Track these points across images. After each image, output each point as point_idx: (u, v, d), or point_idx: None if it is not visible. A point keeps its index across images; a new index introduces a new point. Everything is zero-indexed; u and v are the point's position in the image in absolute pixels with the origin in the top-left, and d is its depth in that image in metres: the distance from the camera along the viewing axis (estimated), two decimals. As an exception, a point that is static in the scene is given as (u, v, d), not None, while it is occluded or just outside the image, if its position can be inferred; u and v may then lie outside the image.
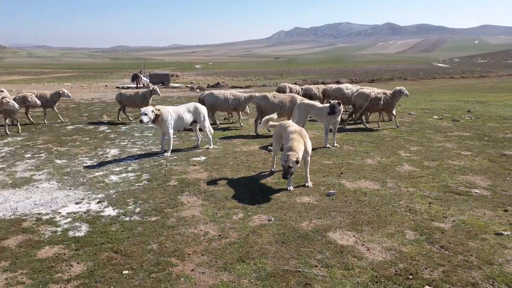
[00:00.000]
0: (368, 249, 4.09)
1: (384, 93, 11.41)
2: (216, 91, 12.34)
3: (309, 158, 6.17)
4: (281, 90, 14.86)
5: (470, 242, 4.18)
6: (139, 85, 33.08)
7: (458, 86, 34.15)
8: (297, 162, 5.54)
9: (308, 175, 6.21)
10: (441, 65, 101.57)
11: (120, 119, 13.38)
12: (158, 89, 13.38)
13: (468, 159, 7.66)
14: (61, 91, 13.01)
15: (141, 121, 7.83)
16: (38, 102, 11.89)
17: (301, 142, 5.84)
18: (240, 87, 36.53)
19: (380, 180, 6.39)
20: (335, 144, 8.96)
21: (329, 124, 8.93)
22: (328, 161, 7.67)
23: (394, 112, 11.51)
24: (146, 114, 7.85)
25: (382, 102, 11.28)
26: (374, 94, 11.39)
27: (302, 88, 15.47)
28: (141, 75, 36.61)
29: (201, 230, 4.60)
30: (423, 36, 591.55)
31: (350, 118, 12.28)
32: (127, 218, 4.98)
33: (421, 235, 4.38)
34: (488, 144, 8.90)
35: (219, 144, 9.36)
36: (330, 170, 7.00)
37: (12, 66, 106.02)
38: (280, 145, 6.69)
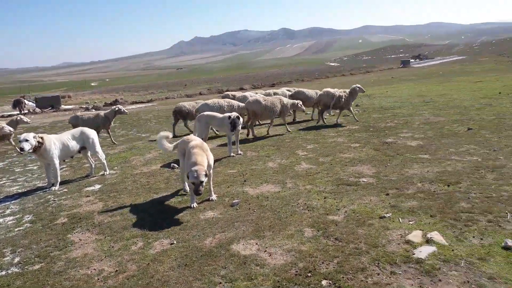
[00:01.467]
0: (270, 255, 4.13)
1: (344, 91, 12.03)
2: (210, 101, 11.88)
3: (211, 171, 6.08)
4: (226, 97, 14.07)
5: (359, 230, 4.49)
6: (23, 112, 29.91)
7: (347, 83, 37.26)
8: (206, 175, 5.42)
9: (212, 188, 6.13)
10: (333, 64, 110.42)
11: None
12: (24, 117, 12.44)
13: (356, 150, 8.31)
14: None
15: (22, 149, 6.98)
16: None
17: (204, 155, 5.72)
18: (141, 102, 35.24)
19: (280, 182, 6.58)
20: (239, 152, 9.05)
21: (231, 134, 8.99)
22: (232, 170, 7.69)
23: (351, 108, 12.18)
24: (27, 141, 7.03)
25: (343, 100, 11.84)
26: (338, 93, 11.95)
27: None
28: (25, 100, 33.19)
29: (94, 269, 4.20)
30: (315, 39, 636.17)
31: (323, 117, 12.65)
32: (3, 273, 4.33)
33: (318, 230, 4.58)
34: (373, 134, 9.81)
35: (116, 168, 8.81)
36: (234, 179, 7.02)
37: None
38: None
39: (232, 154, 8.91)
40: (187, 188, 6.45)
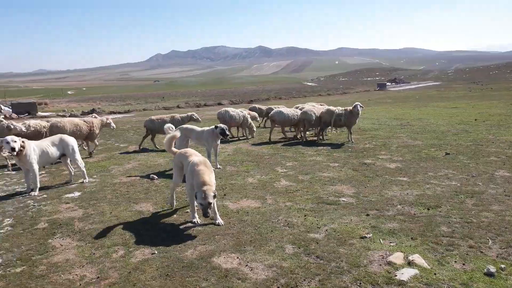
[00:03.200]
0: (252, 269, 4.24)
1: (345, 110, 12.15)
2: (230, 109, 12.80)
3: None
4: (221, 116, 13.82)
5: (340, 249, 4.65)
6: None
7: (325, 103, 38.10)
8: (214, 196, 5.19)
9: (217, 211, 5.70)
10: (310, 84, 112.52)
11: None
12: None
13: (336, 170, 8.59)
14: None
15: (13, 149, 7.05)
16: None
17: (211, 174, 5.46)
18: (119, 113, 34.78)
19: (260, 198, 6.73)
20: (218, 166, 9.15)
21: (210, 147, 9.10)
22: (212, 184, 7.77)
23: (352, 128, 12.34)
24: (15, 142, 7.11)
25: (343, 117, 12.02)
26: (338, 111, 12.09)
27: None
28: (1, 105, 32.24)
29: (76, 274, 4.20)
30: (292, 58, 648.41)
31: (320, 133, 12.89)
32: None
33: (299, 247, 4.72)
34: (352, 155, 10.14)
35: (95, 176, 8.73)
36: (214, 193, 7.09)
37: None
38: (182, 175, 6.13)
39: None
40: (175, 203, 6.40)
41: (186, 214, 6.03)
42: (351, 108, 12.21)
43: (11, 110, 33.46)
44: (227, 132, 9.06)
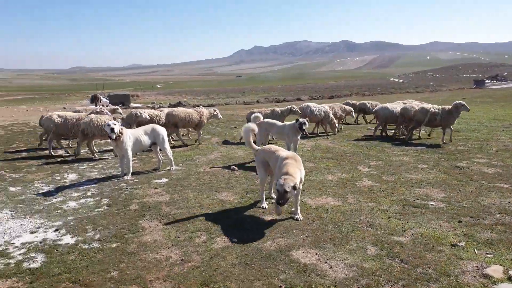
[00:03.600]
0: (331, 267, 4.15)
1: (443, 108, 11.46)
2: (312, 104, 13.19)
3: (300, 186, 5.48)
4: (302, 110, 13.73)
5: (427, 255, 4.33)
6: (99, 106, 32.32)
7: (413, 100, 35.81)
8: (294, 188, 4.97)
9: (299, 206, 5.55)
10: (397, 80, 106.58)
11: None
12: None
13: (424, 172, 8.01)
14: None
15: (112, 131, 7.77)
16: None
17: (297, 168, 5.28)
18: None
19: (341, 196, 6.55)
20: None
21: (290, 142, 9.08)
22: (291, 178, 7.76)
23: (451, 128, 11.45)
24: (115, 125, 7.85)
25: (438, 117, 11.37)
26: (433, 109, 11.57)
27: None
28: (101, 96, 35.76)
29: (163, 255, 4.49)
30: (378, 53, 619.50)
31: (412, 133, 12.39)
32: (86, 246, 4.79)
33: (382, 249, 4.50)
34: (443, 157, 9.37)
35: (181, 165, 9.25)
36: (293, 188, 7.08)
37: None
38: (267, 172, 6.00)
39: None
40: (265, 205, 6.01)
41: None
42: (450, 107, 11.26)
43: (108, 101, 37.01)
44: (303, 127, 8.90)
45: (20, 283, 3.96)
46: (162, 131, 8.75)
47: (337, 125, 13.87)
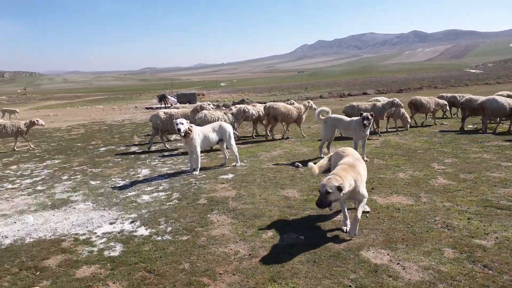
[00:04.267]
0: (404, 268, 3.94)
1: None
2: (355, 103, 12.65)
3: (364, 200, 4.79)
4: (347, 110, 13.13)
5: (515, 261, 3.94)
6: (167, 105, 34.06)
7: (492, 92, 32.96)
8: (339, 189, 4.31)
9: (359, 215, 4.74)
10: (474, 71, 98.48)
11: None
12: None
13: (509, 170, 7.29)
14: (35, 120, 13.26)
15: (179, 130, 8.03)
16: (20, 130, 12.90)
17: (349, 172, 4.62)
18: (265, 103, 36.79)
19: (413, 195, 6.19)
20: (365, 158, 8.75)
21: (358, 138, 8.76)
22: (358, 175, 7.51)
23: None
24: (182, 124, 8.07)
25: None
26: (507, 103, 11.03)
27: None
28: (168, 96, 37.60)
29: (231, 249, 4.59)
30: (452, 42, 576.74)
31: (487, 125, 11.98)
32: (159, 238, 5.04)
33: (461, 253, 4.18)
34: (529, 154, 8.48)
35: (246, 161, 9.38)
36: (360, 185, 6.85)
37: (49, 92, 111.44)
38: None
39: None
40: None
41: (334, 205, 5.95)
42: None
43: (176, 100, 38.76)
44: (365, 122, 8.31)
45: (102, 269, 4.28)
46: (229, 128, 8.93)
47: (409, 120, 13.11)
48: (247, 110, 11.46)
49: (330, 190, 4.30)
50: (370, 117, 8.30)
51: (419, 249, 4.32)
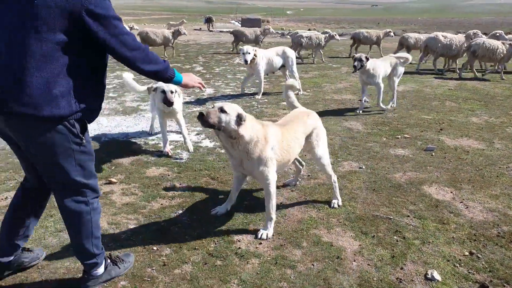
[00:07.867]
0: (467, 207, 3.86)
1: None
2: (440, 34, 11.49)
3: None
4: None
5: None
6: (211, 29, 34.52)
7: None
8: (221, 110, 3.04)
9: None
10: None
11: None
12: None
13: None
14: (180, 29, 14.51)
15: (245, 61, 7.98)
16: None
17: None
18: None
19: (486, 140, 5.84)
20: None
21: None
22: (427, 116, 7.18)
23: None
24: (249, 53, 7.96)
25: None
26: None
27: None
28: (233, 21, 37.08)
29: (290, 168, 4.71)
30: None
31: None
32: (223, 151, 5.28)
33: (533, 200, 3.98)
34: None
35: (308, 90, 9.23)
36: (428, 125, 6.57)
37: (117, 8, 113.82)
38: None
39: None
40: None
41: (396, 140, 5.82)
42: None
43: (240, 25, 38.01)
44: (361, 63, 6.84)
45: (170, 172, 4.62)
46: (292, 54, 8.71)
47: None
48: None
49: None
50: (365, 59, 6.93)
51: (486, 192, 4.18)
